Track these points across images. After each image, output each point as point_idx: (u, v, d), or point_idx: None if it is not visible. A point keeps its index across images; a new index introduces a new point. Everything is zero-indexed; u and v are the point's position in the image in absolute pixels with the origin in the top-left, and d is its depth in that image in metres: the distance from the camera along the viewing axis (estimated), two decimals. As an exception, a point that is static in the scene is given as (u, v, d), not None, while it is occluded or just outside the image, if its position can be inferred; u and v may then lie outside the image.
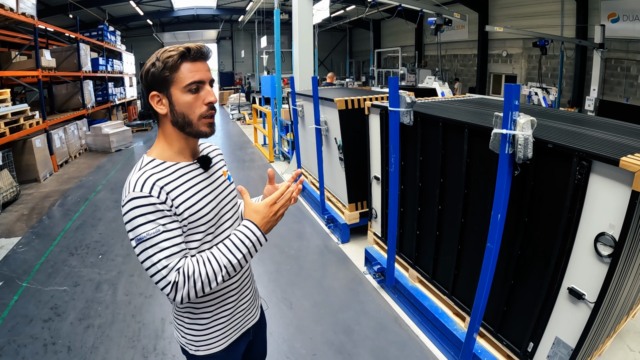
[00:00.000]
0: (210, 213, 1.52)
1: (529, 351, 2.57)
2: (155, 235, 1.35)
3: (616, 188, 2.00)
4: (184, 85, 1.41)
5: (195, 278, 1.36)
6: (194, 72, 1.41)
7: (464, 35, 17.95)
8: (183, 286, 1.35)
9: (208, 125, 1.47)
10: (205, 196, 1.52)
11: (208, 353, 1.68)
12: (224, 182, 1.66)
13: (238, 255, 1.42)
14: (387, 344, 3.39)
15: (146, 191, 1.36)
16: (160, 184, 1.39)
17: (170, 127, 1.48)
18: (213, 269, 1.38)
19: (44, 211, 6.79)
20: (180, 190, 1.44)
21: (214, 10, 24.20)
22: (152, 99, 1.46)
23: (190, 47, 1.41)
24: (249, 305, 1.78)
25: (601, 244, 2.09)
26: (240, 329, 1.75)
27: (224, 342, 1.69)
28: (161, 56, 1.40)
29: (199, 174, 1.55)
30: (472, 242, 2.98)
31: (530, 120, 2.17)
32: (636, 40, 10.94)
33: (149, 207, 1.35)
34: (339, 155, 5.12)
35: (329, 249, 5.19)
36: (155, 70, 1.41)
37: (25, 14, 8.44)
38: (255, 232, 1.44)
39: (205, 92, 1.44)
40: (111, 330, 3.58)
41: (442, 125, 3.09)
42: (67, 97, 12.13)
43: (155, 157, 1.48)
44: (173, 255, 1.36)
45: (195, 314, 1.63)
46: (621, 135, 2.52)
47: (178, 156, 1.52)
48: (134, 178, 1.40)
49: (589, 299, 2.18)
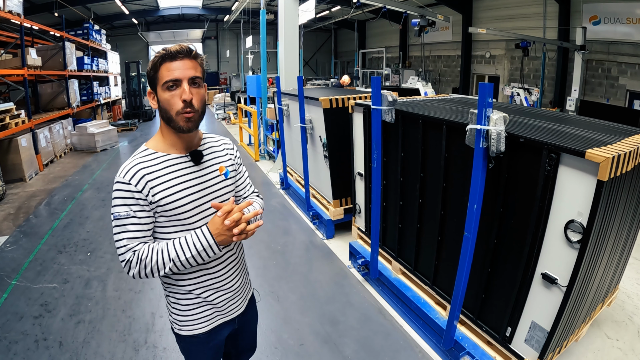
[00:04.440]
0: (188, 205, 1.62)
1: (507, 336, 2.69)
2: (125, 217, 1.55)
3: (583, 178, 2.13)
4: (162, 84, 1.53)
5: (146, 263, 1.55)
6: (170, 70, 1.52)
7: (448, 37, 18.12)
8: (135, 266, 1.55)
9: (185, 121, 1.55)
10: (187, 188, 1.63)
11: (190, 334, 1.80)
12: (216, 178, 1.73)
13: (187, 254, 1.56)
14: (372, 333, 3.50)
15: (127, 178, 1.54)
16: (143, 172, 1.56)
17: (162, 121, 1.62)
18: (163, 259, 1.55)
19: (30, 210, 6.77)
20: (161, 180, 1.58)
21: (199, 9, 24.02)
22: (149, 95, 1.64)
23: (169, 48, 1.54)
24: (235, 295, 1.86)
25: (571, 230, 2.22)
26: (223, 317, 1.85)
27: (205, 325, 1.80)
28: (153, 58, 1.56)
29: (187, 167, 1.65)
30: (451, 234, 3.10)
31: (503, 117, 2.28)
32: (617, 42, 11.11)
33: (126, 193, 1.55)
34: (323, 153, 5.22)
35: (314, 244, 5.29)
36: (148, 70, 1.58)
37: (12, 12, 8.40)
38: (208, 239, 1.56)
39: (181, 90, 1.53)
40: (102, 325, 3.63)
41: (422, 123, 3.20)
42: (52, 96, 12.02)
43: (150, 147, 1.64)
44: (134, 238, 1.57)
45: (178, 296, 1.76)
46: (594, 132, 2.65)
47: (171, 148, 1.64)
48: (125, 164, 1.58)
49: (561, 283, 2.31)
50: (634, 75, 10.88)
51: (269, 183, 8.15)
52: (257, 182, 8.20)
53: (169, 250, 1.56)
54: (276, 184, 7.98)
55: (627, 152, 2.13)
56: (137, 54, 25.87)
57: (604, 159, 1.99)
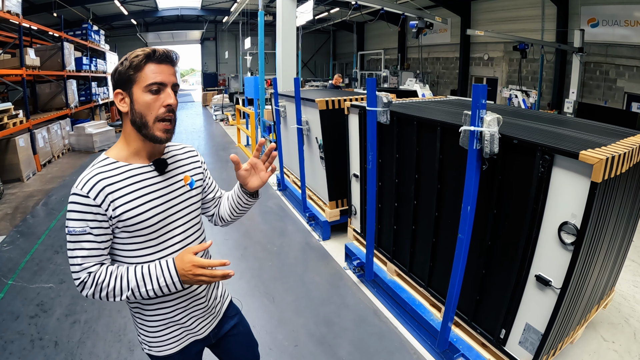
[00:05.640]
0: (153, 218, 1.51)
1: (501, 338, 2.69)
2: (80, 234, 1.41)
3: (577, 180, 2.12)
4: (145, 85, 1.43)
5: (102, 287, 1.42)
6: (156, 73, 1.43)
7: (447, 39, 18.14)
8: (90, 287, 1.42)
9: (164, 131, 1.47)
10: (151, 201, 1.51)
11: (161, 354, 1.70)
12: (181, 188, 1.64)
13: (147, 286, 1.45)
14: (367, 335, 3.51)
15: (85, 191, 1.40)
16: (103, 184, 1.42)
17: (129, 126, 1.49)
18: (121, 286, 1.44)
19: (28, 210, 6.76)
20: (122, 192, 1.45)
21: (198, 10, 24.02)
22: (116, 96, 1.49)
23: (156, 49, 1.45)
24: (205, 312, 1.75)
25: (564, 232, 2.21)
26: (194, 335, 1.75)
27: (175, 346, 1.70)
28: (129, 56, 1.45)
29: (151, 177, 1.54)
30: (445, 235, 3.10)
31: (497, 118, 2.28)
32: (615, 45, 11.12)
33: (84, 207, 1.40)
34: (320, 154, 5.23)
35: (310, 245, 5.30)
36: (122, 69, 1.45)
37: (11, 12, 8.40)
38: (172, 275, 1.45)
39: (165, 94, 1.46)
40: (97, 325, 3.63)
41: (417, 124, 3.21)
42: (50, 97, 12.00)
43: (110, 156, 1.51)
44: (90, 257, 1.43)
45: (145, 317, 1.64)
46: (589, 134, 2.64)
47: (133, 157, 1.53)
48: (83, 174, 1.45)
49: (555, 285, 2.30)
50: (632, 78, 10.90)
51: (266, 184, 8.12)
52: (255, 183, 8.15)
53: (129, 278, 1.44)
54: (273, 185, 7.98)
55: (621, 154, 2.12)
56: (136, 54, 25.82)
57: (597, 161, 1.98)
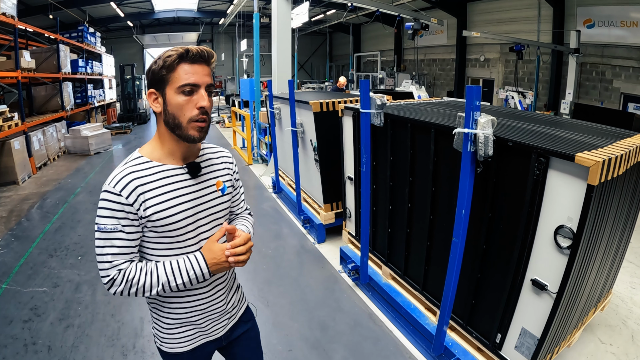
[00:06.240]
0: (182, 221, 1.50)
1: (497, 342, 2.66)
2: (112, 231, 1.42)
3: (573, 182, 2.10)
4: (178, 86, 1.40)
5: (132, 283, 1.43)
6: (189, 74, 1.40)
7: (443, 40, 18.21)
8: (119, 285, 1.43)
9: (198, 130, 1.45)
10: (181, 203, 1.50)
11: (171, 351, 1.70)
12: (213, 193, 1.62)
13: (178, 280, 1.47)
14: (362, 339, 3.49)
15: (117, 189, 1.41)
16: (135, 184, 1.42)
17: (163, 126, 1.48)
18: (151, 282, 1.45)
19: (22, 213, 6.73)
20: (154, 193, 1.45)
21: (194, 12, 23.97)
22: (149, 96, 1.48)
23: (190, 48, 1.41)
24: (220, 316, 1.75)
25: (560, 236, 2.19)
26: (207, 337, 1.74)
27: (187, 345, 1.70)
28: (162, 55, 1.42)
29: (184, 179, 1.53)
30: (440, 238, 3.09)
31: (491, 120, 2.26)
32: (611, 46, 11.19)
33: (115, 205, 1.41)
34: (314, 157, 5.22)
35: (305, 248, 5.29)
36: (155, 68, 1.43)
37: (6, 14, 8.36)
38: (202, 267, 1.48)
39: (198, 96, 1.42)
40: (91, 329, 3.61)
41: (411, 126, 3.20)
42: (46, 99, 11.97)
43: (144, 155, 1.50)
44: (120, 255, 1.44)
45: (162, 314, 1.65)
46: (586, 135, 2.63)
47: (167, 157, 1.52)
48: (115, 171, 1.45)
49: (551, 290, 2.27)
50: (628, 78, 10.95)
51: (262, 187, 8.14)
52: (250, 186, 8.20)
53: (159, 273, 1.45)
54: (268, 187, 7.97)
55: (618, 156, 2.10)
56: (132, 56, 25.85)
57: (594, 163, 1.95)
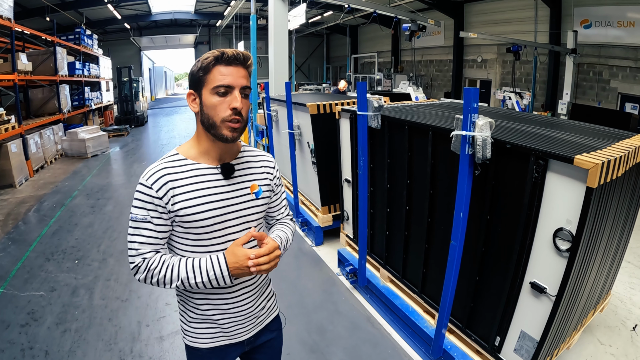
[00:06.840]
0: (208, 220, 1.53)
1: (496, 345, 2.65)
2: (141, 221, 1.50)
3: (572, 185, 2.09)
4: (212, 87, 1.46)
5: (154, 273, 1.50)
6: (224, 75, 1.45)
7: (440, 41, 18.20)
8: (142, 272, 1.51)
9: (231, 130, 1.48)
10: (210, 202, 1.53)
11: (192, 345, 1.73)
12: (246, 196, 1.63)
13: (197, 279, 1.49)
14: (360, 342, 3.48)
15: (149, 183, 1.48)
16: (167, 179, 1.49)
17: (200, 126, 1.54)
18: (171, 276, 1.50)
19: (19, 217, 6.70)
20: (183, 190, 1.50)
21: (192, 14, 23.97)
22: (188, 97, 1.56)
23: (226, 51, 1.46)
24: (245, 319, 1.74)
25: (559, 238, 2.17)
26: (228, 339, 1.74)
27: (206, 342, 1.71)
28: (201, 58, 1.49)
29: (216, 179, 1.56)
30: (438, 241, 3.08)
31: (489, 122, 2.25)
32: (608, 46, 11.17)
33: (146, 197, 1.49)
34: (311, 159, 5.21)
35: (303, 251, 5.28)
36: (194, 69, 1.50)
37: (2, 17, 8.33)
38: (222, 269, 1.48)
39: (232, 97, 1.46)
40: (88, 334, 3.59)
41: (408, 128, 3.18)
42: (43, 102, 11.93)
43: (180, 153, 1.57)
44: (147, 244, 1.52)
45: (187, 307, 1.70)
46: (584, 136, 2.62)
47: (202, 156, 1.57)
48: (151, 166, 1.53)
49: (550, 292, 2.26)
50: (625, 78, 10.95)
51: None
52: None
53: (180, 269, 1.49)
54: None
55: (617, 158, 2.09)
56: (130, 59, 25.85)
57: (593, 165, 1.94)
